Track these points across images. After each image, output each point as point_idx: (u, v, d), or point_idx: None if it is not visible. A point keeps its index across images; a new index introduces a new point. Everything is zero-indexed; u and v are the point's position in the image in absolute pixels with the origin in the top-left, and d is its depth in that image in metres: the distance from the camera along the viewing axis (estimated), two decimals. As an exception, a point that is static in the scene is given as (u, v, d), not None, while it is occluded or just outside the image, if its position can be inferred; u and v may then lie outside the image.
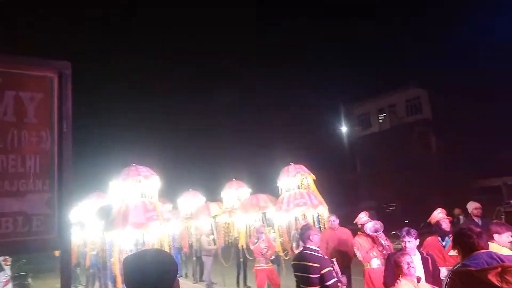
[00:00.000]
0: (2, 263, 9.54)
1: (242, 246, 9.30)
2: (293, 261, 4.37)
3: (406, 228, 4.27)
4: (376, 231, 5.59)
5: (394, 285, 3.62)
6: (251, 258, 8.95)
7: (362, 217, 6.03)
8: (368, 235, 5.74)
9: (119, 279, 6.32)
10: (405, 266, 3.59)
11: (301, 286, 4.13)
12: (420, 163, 26.01)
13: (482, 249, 2.48)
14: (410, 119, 29.41)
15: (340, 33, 38.85)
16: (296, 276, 4.24)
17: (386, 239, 5.66)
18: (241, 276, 10.24)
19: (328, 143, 33.06)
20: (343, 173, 33.67)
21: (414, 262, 3.70)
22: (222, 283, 10.53)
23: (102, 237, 7.82)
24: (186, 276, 12.57)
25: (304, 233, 4.46)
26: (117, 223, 6.06)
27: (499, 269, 2.22)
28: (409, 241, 4.15)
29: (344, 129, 35.10)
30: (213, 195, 11.84)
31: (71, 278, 2.93)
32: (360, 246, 5.75)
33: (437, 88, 25.07)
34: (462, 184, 20.19)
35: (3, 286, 8.66)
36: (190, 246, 11.66)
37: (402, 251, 4.06)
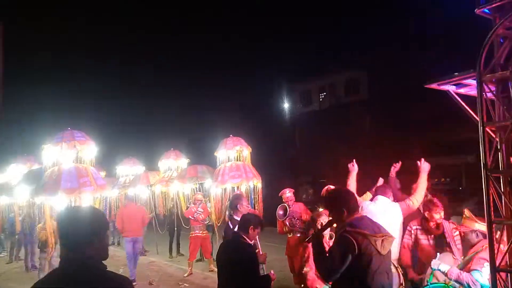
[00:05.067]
0: None
1: (178, 214, 9.43)
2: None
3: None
4: (281, 217, 6.23)
5: None
6: (187, 227, 9.03)
7: (286, 193, 6.45)
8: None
9: (50, 242, 6.17)
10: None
11: None
12: (354, 140, 27.42)
13: None
14: (348, 99, 30.72)
15: (288, 16, 38.54)
16: None
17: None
18: (174, 244, 10.38)
19: (270, 118, 33.56)
20: (284, 148, 34.52)
21: None
22: (155, 251, 10.62)
23: (30, 202, 7.56)
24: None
25: (232, 203, 4.70)
26: (47, 188, 5.88)
27: None
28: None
29: (286, 105, 35.82)
30: (152, 165, 11.73)
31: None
32: None
33: (375, 71, 26.26)
34: (390, 161, 21.61)
35: None
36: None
37: None
